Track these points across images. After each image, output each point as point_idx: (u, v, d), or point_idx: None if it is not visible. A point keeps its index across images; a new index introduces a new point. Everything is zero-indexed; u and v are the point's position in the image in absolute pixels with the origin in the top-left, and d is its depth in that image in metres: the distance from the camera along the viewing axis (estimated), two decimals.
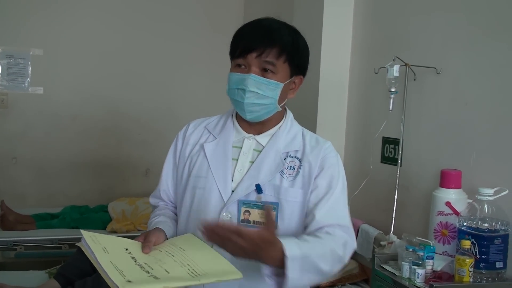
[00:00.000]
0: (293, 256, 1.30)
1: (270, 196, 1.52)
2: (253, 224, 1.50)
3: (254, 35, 1.53)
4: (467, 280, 1.95)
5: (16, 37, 4.36)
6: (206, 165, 1.58)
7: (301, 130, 1.66)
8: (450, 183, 2.28)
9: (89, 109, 4.56)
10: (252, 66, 1.51)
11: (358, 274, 2.90)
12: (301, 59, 1.59)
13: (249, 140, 1.60)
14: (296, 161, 1.56)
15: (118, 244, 1.40)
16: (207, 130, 1.67)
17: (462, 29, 2.48)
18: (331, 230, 1.46)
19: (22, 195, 4.39)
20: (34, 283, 2.74)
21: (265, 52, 1.50)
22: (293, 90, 1.62)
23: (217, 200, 1.54)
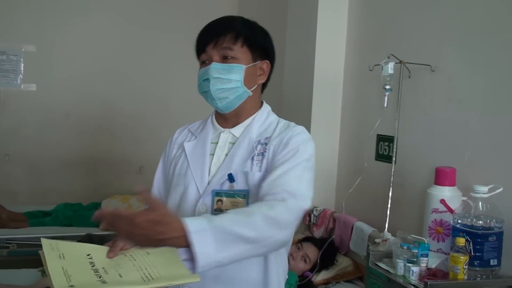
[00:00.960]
0: (197, 230, 1.18)
1: (241, 184, 1.55)
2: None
3: (209, 29, 1.61)
4: (462, 277, 1.96)
5: (9, 33, 4.34)
6: (186, 163, 1.64)
7: (276, 120, 1.68)
8: (445, 181, 2.28)
9: (82, 106, 4.54)
10: (213, 56, 1.57)
11: (352, 272, 2.90)
12: (259, 43, 1.63)
13: (224, 134, 1.65)
14: (264, 146, 1.60)
15: (80, 250, 1.38)
16: (190, 132, 1.73)
17: (457, 26, 2.48)
18: (271, 197, 1.39)
19: (14, 192, 4.37)
20: (27, 281, 2.72)
21: (220, 40, 1.56)
22: (262, 76, 1.66)
23: (194, 193, 1.58)
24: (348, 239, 2.92)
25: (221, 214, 1.31)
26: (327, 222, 3.11)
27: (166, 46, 4.71)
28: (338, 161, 3.38)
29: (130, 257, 1.39)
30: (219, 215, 1.29)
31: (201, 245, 1.17)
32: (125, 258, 1.39)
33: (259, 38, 1.63)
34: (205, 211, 1.54)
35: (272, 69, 1.70)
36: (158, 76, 4.74)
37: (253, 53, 1.61)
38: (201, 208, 1.55)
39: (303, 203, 1.41)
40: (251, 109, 1.66)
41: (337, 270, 2.87)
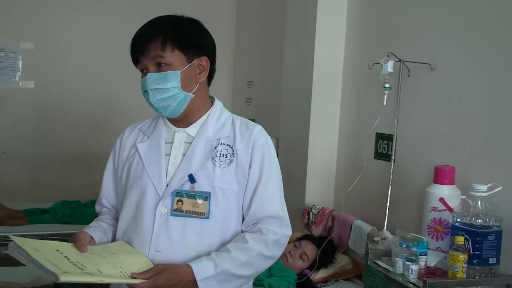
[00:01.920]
0: (204, 277, 1.43)
1: (203, 185, 1.55)
2: (186, 214, 1.53)
3: (136, 37, 1.59)
4: (461, 276, 1.96)
5: (7, 30, 4.33)
6: (141, 165, 1.62)
7: (231, 117, 1.68)
8: (444, 179, 2.28)
9: (80, 103, 4.54)
10: (148, 66, 1.55)
11: (351, 270, 2.90)
12: (191, 41, 1.57)
13: (179, 133, 1.63)
14: (228, 148, 1.59)
15: (48, 246, 1.43)
16: (141, 132, 1.70)
17: (456, 25, 2.48)
18: (264, 227, 1.55)
19: (12, 190, 4.37)
20: (26, 279, 2.73)
21: (147, 49, 1.54)
22: (203, 73, 1.62)
23: (153, 195, 1.57)
24: (347, 238, 2.92)
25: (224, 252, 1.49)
26: (326, 221, 3.12)
27: None
28: (337, 160, 3.38)
29: (99, 255, 1.44)
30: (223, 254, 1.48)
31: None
32: (94, 255, 1.43)
33: (190, 37, 1.58)
34: (166, 213, 1.54)
35: (213, 61, 1.65)
36: None
37: (187, 54, 1.56)
38: (161, 210, 1.55)
39: (288, 232, 1.60)
40: (200, 108, 1.64)
41: (336, 269, 2.87)
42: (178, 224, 1.53)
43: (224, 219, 1.56)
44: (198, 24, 1.63)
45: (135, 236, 1.56)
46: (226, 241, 1.56)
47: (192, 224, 1.53)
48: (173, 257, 1.51)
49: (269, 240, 1.54)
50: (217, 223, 1.55)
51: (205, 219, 1.53)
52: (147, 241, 1.53)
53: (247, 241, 1.52)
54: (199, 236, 1.53)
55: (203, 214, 1.53)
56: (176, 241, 1.52)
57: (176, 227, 1.53)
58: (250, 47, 4.70)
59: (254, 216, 1.57)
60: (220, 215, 1.55)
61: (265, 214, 1.57)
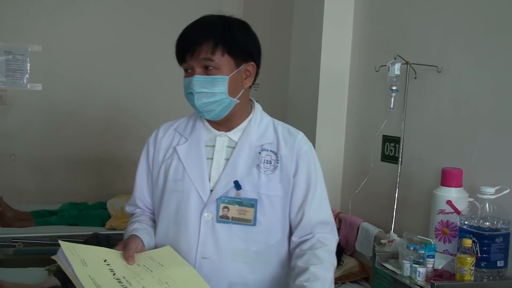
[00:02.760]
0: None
1: (249, 192, 1.52)
2: (232, 220, 1.52)
3: (185, 37, 1.53)
4: (468, 278, 1.95)
5: (15, 33, 4.35)
6: (181, 168, 1.58)
7: (271, 121, 1.66)
8: (451, 182, 2.28)
9: (88, 106, 4.55)
10: (195, 67, 1.50)
11: (358, 272, 2.90)
12: (241, 46, 1.53)
13: (221, 137, 1.60)
14: (272, 154, 1.57)
15: (96, 255, 1.40)
16: (177, 132, 1.66)
17: (464, 27, 2.47)
18: (322, 237, 1.54)
19: (20, 191, 4.38)
20: (33, 280, 2.74)
21: (197, 51, 1.49)
22: (249, 79, 1.59)
23: (197, 201, 1.54)
24: (354, 240, 2.92)
25: (314, 280, 1.44)
26: None
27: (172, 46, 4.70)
28: (343, 162, 3.38)
29: (146, 268, 1.40)
30: (310, 274, 1.44)
31: None
32: (140, 268, 1.40)
33: (241, 41, 1.53)
34: (211, 219, 1.52)
35: (258, 68, 1.62)
36: (163, 75, 4.74)
37: (236, 59, 1.52)
38: (206, 216, 1.52)
39: (337, 237, 1.63)
40: (242, 112, 1.61)
41: (343, 271, 2.87)
42: (224, 230, 1.51)
43: (269, 226, 1.55)
44: (248, 28, 1.59)
45: (179, 242, 1.54)
46: (271, 246, 1.56)
47: (238, 231, 1.51)
48: (220, 263, 1.50)
49: (331, 248, 1.56)
50: (262, 230, 1.53)
51: (251, 226, 1.52)
52: (193, 247, 1.51)
53: (320, 258, 1.50)
54: (245, 243, 1.52)
55: (249, 221, 1.52)
56: (223, 247, 1.51)
57: (222, 233, 1.51)
58: None
59: (308, 224, 1.56)
60: (266, 221, 1.54)
61: (317, 220, 1.57)
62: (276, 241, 1.57)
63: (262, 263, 1.55)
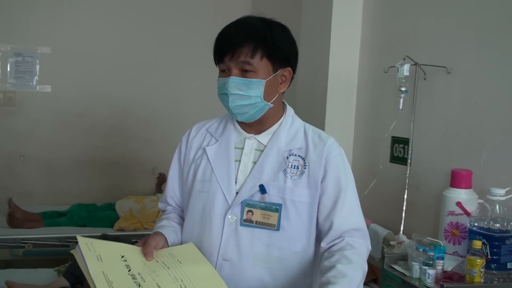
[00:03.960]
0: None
1: (274, 197, 1.52)
2: (256, 224, 1.51)
3: (226, 37, 1.52)
4: (478, 280, 1.94)
5: (24, 35, 4.37)
6: (210, 169, 1.58)
7: (303, 126, 1.64)
8: (461, 183, 2.27)
9: (96, 107, 4.57)
10: (232, 69, 1.50)
11: (367, 274, 2.88)
12: (280, 51, 1.53)
13: (250, 140, 1.59)
14: (299, 160, 1.55)
15: (114, 251, 1.40)
16: (209, 133, 1.67)
17: (473, 28, 2.46)
18: (352, 240, 1.50)
19: (29, 192, 4.41)
20: (42, 281, 2.75)
21: (237, 53, 1.48)
22: (284, 84, 1.59)
23: (222, 203, 1.54)
24: None
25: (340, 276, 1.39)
26: None
27: (180, 47, 4.73)
28: (352, 163, 3.37)
29: (163, 264, 1.40)
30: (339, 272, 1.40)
31: None
32: (158, 264, 1.40)
33: (280, 46, 1.53)
34: (235, 221, 1.52)
35: (294, 73, 1.62)
36: (171, 77, 4.76)
37: (274, 63, 1.52)
38: (230, 218, 1.52)
39: (370, 246, 1.58)
40: (274, 116, 1.61)
41: None
42: (247, 234, 1.51)
43: (293, 232, 1.52)
44: (288, 33, 1.59)
45: (203, 242, 1.55)
46: (294, 253, 1.53)
47: (261, 235, 1.51)
48: (241, 266, 1.50)
49: (362, 251, 1.52)
50: (286, 236, 1.51)
51: (274, 231, 1.50)
52: (216, 249, 1.52)
53: (349, 259, 1.45)
54: (268, 247, 1.51)
55: (273, 226, 1.50)
56: (245, 251, 1.50)
57: (245, 237, 1.51)
58: None
59: (338, 230, 1.52)
60: (290, 227, 1.52)
61: (348, 227, 1.52)
62: (300, 248, 1.54)
63: (283, 270, 1.53)
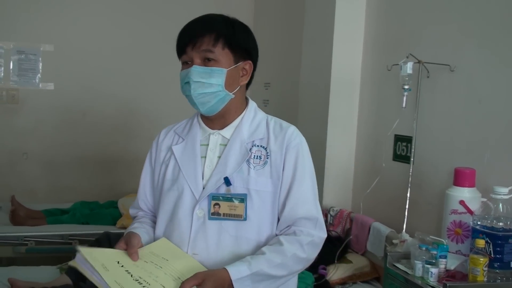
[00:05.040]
0: (238, 278, 1.41)
1: (239, 188, 1.55)
2: (223, 217, 1.54)
3: (188, 29, 1.58)
4: (481, 279, 1.93)
5: (27, 33, 4.38)
6: (177, 167, 1.62)
7: (265, 118, 1.67)
8: (464, 182, 2.26)
9: (99, 105, 4.58)
10: (194, 58, 1.54)
11: (369, 272, 2.89)
12: (241, 43, 1.59)
13: (214, 135, 1.63)
14: (262, 150, 1.59)
15: (109, 258, 1.42)
16: (176, 133, 1.70)
17: (477, 26, 2.45)
18: (298, 229, 1.54)
19: (32, 190, 4.42)
20: (45, 279, 2.75)
21: (199, 42, 1.53)
22: (245, 77, 1.63)
23: (190, 198, 1.57)
24: (365, 240, 2.90)
25: (259, 254, 1.48)
26: (344, 222, 3.10)
27: None
28: (355, 161, 3.36)
29: (154, 265, 1.43)
30: (258, 256, 1.47)
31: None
32: (148, 265, 1.43)
33: (241, 38, 1.59)
34: (203, 216, 1.55)
35: (255, 68, 1.66)
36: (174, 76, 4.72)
37: (235, 54, 1.57)
38: (198, 213, 1.55)
39: (323, 234, 1.58)
40: (236, 109, 1.64)
41: (353, 270, 2.86)
42: (215, 227, 1.54)
43: (259, 222, 1.56)
44: (248, 29, 1.65)
45: (172, 238, 1.57)
46: (262, 244, 1.55)
47: (229, 227, 1.53)
48: (209, 259, 1.52)
49: (303, 241, 1.52)
50: (252, 226, 1.55)
51: (241, 222, 1.53)
52: (185, 243, 1.54)
53: (282, 243, 1.51)
54: (236, 239, 1.53)
55: (240, 216, 1.53)
56: (213, 244, 1.52)
57: (213, 230, 1.54)
58: (268, 49, 4.67)
59: (288, 218, 1.56)
60: (256, 217, 1.55)
61: (299, 215, 1.55)
62: (266, 238, 1.57)
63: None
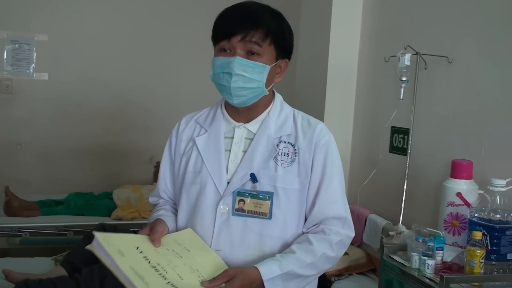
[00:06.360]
0: (270, 278, 1.39)
1: (265, 185, 1.51)
2: (248, 214, 1.51)
3: (237, 18, 1.48)
4: (478, 271, 1.93)
5: (21, 22, 4.33)
6: (200, 160, 1.57)
7: (292, 112, 1.63)
8: (462, 174, 2.26)
9: (94, 95, 4.55)
10: (237, 49, 1.47)
11: (365, 264, 2.89)
12: (286, 41, 1.55)
13: (239, 129, 1.58)
14: (289, 147, 1.55)
15: (128, 243, 1.40)
16: (198, 124, 1.65)
17: (475, 17, 2.44)
18: (327, 228, 1.52)
19: (26, 181, 4.39)
20: (40, 270, 2.74)
21: (249, 35, 1.46)
22: (279, 74, 1.59)
23: (213, 193, 1.53)
24: (361, 232, 2.90)
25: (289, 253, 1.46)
26: None
27: (177, 36, 4.70)
28: (351, 153, 3.36)
29: (174, 253, 1.42)
30: (288, 255, 1.45)
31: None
32: (169, 253, 1.41)
33: (287, 37, 1.55)
34: (227, 212, 1.51)
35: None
36: (169, 66, 4.73)
37: (278, 52, 1.53)
38: (222, 208, 1.52)
39: (351, 233, 1.56)
40: (265, 104, 1.60)
41: (349, 262, 2.86)
42: (239, 223, 1.51)
43: (285, 220, 1.53)
44: (290, 27, 1.59)
45: (196, 233, 1.54)
46: (287, 241, 1.53)
47: (253, 224, 1.51)
48: (233, 256, 1.49)
49: (333, 240, 1.50)
50: (278, 224, 1.52)
51: (266, 220, 1.51)
52: (208, 239, 1.51)
53: (312, 242, 1.49)
54: (260, 237, 1.51)
55: (265, 214, 1.50)
56: (237, 240, 1.50)
57: (237, 226, 1.51)
58: None
59: (317, 217, 1.54)
60: (282, 215, 1.52)
61: (328, 215, 1.53)
62: (291, 236, 1.54)
63: None
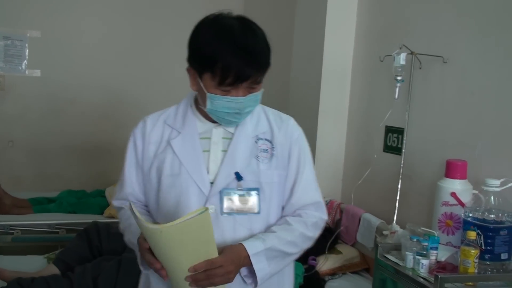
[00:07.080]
0: (255, 252, 1.45)
1: (250, 182, 1.54)
2: (237, 212, 1.52)
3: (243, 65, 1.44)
4: (472, 271, 1.93)
5: (14, 18, 4.30)
6: (178, 162, 1.54)
7: (262, 109, 1.65)
8: (456, 174, 2.26)
9: (87, 93, 4.52)
10: (241, 90, 1.47)
11: (359, 263, 2.90)
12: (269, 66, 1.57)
13: (217, 129, 1.57)
14: (267, 143, 1.59)
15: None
16: (167, 125, 1.60)
17: (470, 17, 2.44)
18: (303, 212, 1.59)
19: (18, 178, 4.36)
20: (32, 268, 2.72)
21: (254, 77, 1.46)
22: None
23: (197, 195, 1.52)
24: (355, 231, 2.90)
25: (270, 232, 1.53)
26: (334, 213, 3.10)
27: (171, 35, 4.66)
28: (345, 152, 3.36)
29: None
30: (269, 234, 1.52)
31: (257, 263, 1.46)
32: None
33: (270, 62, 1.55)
34: (214, 212, 1.50)
35: None
36: (163, 65, 4.71)
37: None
38: (210, 209, 1.46)
39: (324, 216, 1.64)
40: None
41: (343, 261, 2.86)
42: (229, 222, 1.52)
43: (268, 213, 1.57)
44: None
45: None
46: None
47: (243, 221, 1.53)
48: None
49: (308, 221, 1.57)
50: (265, 217, 1.56)
51: (254, 215, 1.54)
52: None
53: (290, 223, 1.55)
54: (249, 231, 1.53)
55: (254, 210, 1.54)
56: (228, 238, 1.50)
57: (227, 224, 1.51)
58: None
59: (294, 206, 1.60)
60: (268, 209, 1.57)
61: (305, 202, 1.60)
62: None
63: None
